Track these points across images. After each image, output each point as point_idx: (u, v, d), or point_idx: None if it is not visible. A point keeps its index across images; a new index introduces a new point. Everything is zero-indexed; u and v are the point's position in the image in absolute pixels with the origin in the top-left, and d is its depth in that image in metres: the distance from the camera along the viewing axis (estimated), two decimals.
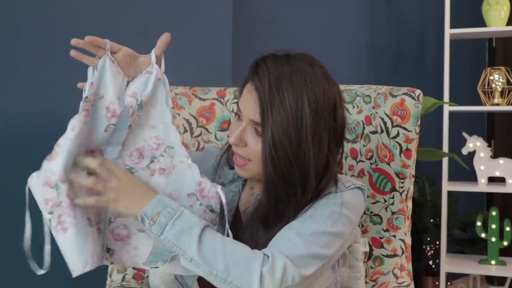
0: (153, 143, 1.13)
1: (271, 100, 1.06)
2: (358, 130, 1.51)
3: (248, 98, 1.11)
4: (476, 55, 3.88)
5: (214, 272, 1.01)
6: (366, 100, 1.51)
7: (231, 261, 1.02)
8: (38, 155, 1.33)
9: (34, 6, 1.76)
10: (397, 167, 1.46)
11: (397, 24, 3.44)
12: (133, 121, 1.10)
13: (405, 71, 3.46)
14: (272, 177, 1.08)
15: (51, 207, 1.04)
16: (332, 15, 3.02)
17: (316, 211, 1.10)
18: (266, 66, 1.09)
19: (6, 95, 1.70)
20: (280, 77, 1.07)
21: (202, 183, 1.12)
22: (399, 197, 1.48)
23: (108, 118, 1.07)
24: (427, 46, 3.60)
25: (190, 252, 1.01)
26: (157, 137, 1.13)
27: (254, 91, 1.09)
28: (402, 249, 1.51)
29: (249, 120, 1.11)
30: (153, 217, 1.03)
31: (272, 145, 1.06)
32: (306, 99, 1.07)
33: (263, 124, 1.07)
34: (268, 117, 1.06)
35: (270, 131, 1.06)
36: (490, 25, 2.82)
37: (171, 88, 1.63)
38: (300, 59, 1.13)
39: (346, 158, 1.53)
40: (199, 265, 1.02)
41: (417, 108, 1.43)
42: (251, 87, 1.11)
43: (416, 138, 1.46)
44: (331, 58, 2.94)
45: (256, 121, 1.09)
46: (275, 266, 1.00)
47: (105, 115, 1.07)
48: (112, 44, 1.11)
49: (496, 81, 2.84)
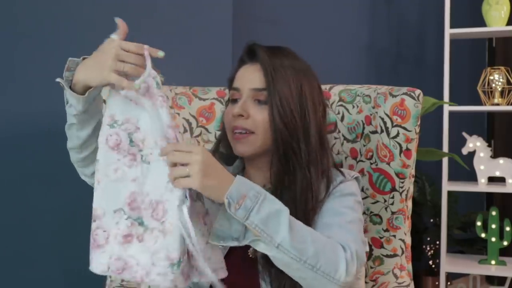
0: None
1: (274, 67, 1.17)
2: (358, 130, 1.51)
3: (245, 73, 1.21)
4: (476, 55, 3.88)
5: (303, 258, 0.99)
6: (366, 100, 1.51)
7: (320, 247, 1.01)
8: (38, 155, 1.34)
9: (35, 6, 1.76)
10: (397, 167, 1.46)
11: (397, 24, 3.44)
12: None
13: (405, 71, 3.46)
14: (281, 133, 1.14)
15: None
16: (332, 15, 3.02)
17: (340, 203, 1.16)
18: (260, 47, 1.20)
19: (6, 95, 1.70)
20: (276, 52, 1.20)
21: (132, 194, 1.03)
22: (399, 197, 1.48)
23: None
24: (427, 46, 3.60)
25: (279, 238, 0.98)
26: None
27: (252, 65, 1.20)
28: (402, 249, 1.51)
29: (249, 92, 1.18)
30: (238, 200, 0.98)
31: (280, 104, 1.14)
32: (301, 71, 1.20)
33: (269, 88, 1.15)
34: (273, 80, 1.15)
35: (277, 92, 1.15)
36: (490, 25, 2.82)
37: (171, 88, 1.63)
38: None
39: (346, 158, 1.53)
40: (288, 251, 0.99)
41: (417, 108, 1.43)
42: (247, 65, 1.21)
43: (416, 138, 1.46)
44: (331, 58, 2.97)
45: (259, 88, 1.17)
46: (353, 254, 1.03)
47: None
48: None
49: (496, 81, 2.84)
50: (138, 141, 1.03)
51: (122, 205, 1.01)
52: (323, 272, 1.00)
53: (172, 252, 0.99)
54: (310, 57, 1.30)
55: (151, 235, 1.00)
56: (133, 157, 1.02)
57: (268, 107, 1.16)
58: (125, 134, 1.03)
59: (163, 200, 1.00)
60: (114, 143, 1.02)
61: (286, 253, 0.99)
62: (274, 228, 0.98)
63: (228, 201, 0.98)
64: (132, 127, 1.03)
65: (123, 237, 1.01)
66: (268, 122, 1.16)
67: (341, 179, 1.22)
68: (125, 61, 1.00)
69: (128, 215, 1.01)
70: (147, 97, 1.02)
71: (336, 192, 1.19)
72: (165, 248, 0.99)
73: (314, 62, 1.31)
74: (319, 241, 1.02)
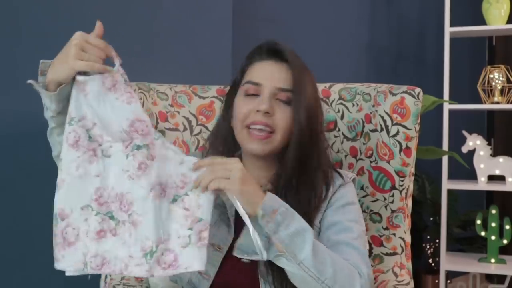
0: (179, 180, 1.05)
1: (301, 70, 1.19)
2: (358, 128, 1.51)
3: (271, 71, 1.19)
4: (476, 53, 3.88)
5: (322, 278, 1.01)
6: (366, 98, 1.51)
7: (338, 269, 1.03)
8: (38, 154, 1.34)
9: (35, 6, 1.76)
10: (397, 165, 1.46)
11: (397, 22, 3.44)
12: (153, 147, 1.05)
13: (405, 69, 3.46)
14: (302, 136, 1.16)
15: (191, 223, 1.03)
16: (332, 14, 3.02)
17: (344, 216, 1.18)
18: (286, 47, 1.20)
19: (6, 95, 1.70)
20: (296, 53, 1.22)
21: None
22: (399, 195, 1.48)
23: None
24: (427, 44, 3.60)
25: (302, 255, 1.00)
26: (184, 175, 1.05)
27: (277, 64, 1.20)
28: (402, 247, 1.51)
29: (274, 90, 1.18)
30: (270, 214, 1.01)
31: (305, 107, 1.16)
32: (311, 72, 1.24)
33: (296, 90, 1.16)
34: (301, 82, 1.17)
35: (303, 95, 1.16)
36: (490, 23, 2.82)
37: (171, 86, 1.63)
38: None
39: (346, 156, 1.53)
40: (308, 269, 1.01)
41: (417, 106, 1.43)
42: (270, 62, 1.20)
43: (416, 137, 1.46)
44: (331, 57, 2.97)
45: (286, 88, 1.18)
46: (366, 280, 1.06)
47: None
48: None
49: (496, 79, 2.84)
50: (96, 136, 1.03)
51: (88, 201, 1.02)
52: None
53: (145, 242, 1.01)
54: (310, 56, 1.30)
55: (124, 228, 1.02)
56: (93, 153, 1.03)
57: (293, 108, 1.17)
58: (83, 131, 1.03)
59: (125, 192, 1.02)
60: (73, 140, 1.03)
61: (306, 271, 1.01)
62: (299, 245, 1.00)
63: (262, 213, 1.01)
64: (89, 123, 1.04)
65: (96, 233, 1.02)
66: (289, 123, 1.17)
67: (340, 183, 1.23)
68: (89, 52, 1.00)
69: (97, 211, 1.02)
70: (112, 91, 1.04)
71: (337, 201, 1.20)
72: (138, 239, 1.01)
73: (314, 60, 1.31)
74: (337, 263, 1.04)
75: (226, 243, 1.18)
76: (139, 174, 1.03)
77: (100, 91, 1.03)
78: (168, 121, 1.58)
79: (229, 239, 1.19)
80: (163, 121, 1.58)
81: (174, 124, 1.58)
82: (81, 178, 1.02)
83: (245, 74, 1.23)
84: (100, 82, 1.03)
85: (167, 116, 1.58)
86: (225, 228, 1.20)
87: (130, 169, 1.03)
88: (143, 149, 1.03)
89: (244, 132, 1.18)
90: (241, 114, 1.19)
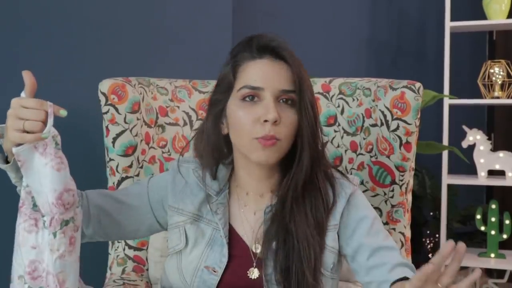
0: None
1: (299, 66, 1.10)
2: (358, 123, 1.51)
3: (270, 72, 1.09)
4: (476, 48, 3.87)
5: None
6: (366, 93, 1.50)
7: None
8: None
9: (36, 5, 1.75)
10: (397, 160, 1.46)
11: (397, 17, 3.43)
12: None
13: (405, 64, 3.45)
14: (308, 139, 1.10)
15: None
16: (332, 8, 3.02)
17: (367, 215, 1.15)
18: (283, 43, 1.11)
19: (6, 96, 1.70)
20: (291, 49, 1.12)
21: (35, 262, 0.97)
22: (399, 190, 1.48)
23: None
24: (427, 39, 3.60)
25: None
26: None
27: (275, 63, 1.10)
28: (402, 242, 1.51)
29: (277, 93, 1.08)
30: None
31: (308, 108, 1.09)
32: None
33: (299, 90, 1.09)
34: (302, 81, 1.09)
35: (304, 95, 1.09)
36: (490, 18, 2.81)
37: (171, 81, 1.62)
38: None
39: (346, 151, 1.53)
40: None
41: (417, 101, 1.43)
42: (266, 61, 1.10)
43: (416, 131, 1.46)
44: (331, 51, 2.96)
45: (290, 90, 1.09)
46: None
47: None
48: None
49: (496, 74, 2.84)
50: (40, 205, 0.96)
51: (23, 272, 0.95)
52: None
53: None
54: (310, 51, 1.30)
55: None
56: (35, 222, 0.96)
57: (298, 110, 1.09)
58: (29, 197, 0.97)
59: (57, 272, 0.96)
60: (19, 205, 0.97)
61: None
62: None
63: None
64: (32, 190, 0.97)
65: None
66: (295, 125, 1.10)
67: (352, 189, 1.17)
68: (24, 118, 0.94)
69: (28, 284, 0.95)
70: (43, 156, 0.95)
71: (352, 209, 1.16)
72: None
73: (314, 55, 1.31)
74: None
75: (221, 266, 1.12)
76: (71, 249, 0.97)
77: (33, 158, 0.96)
78: (168, 116, 1.58)
79: (224, 260, 1.12)
80: (163, 115, 1.58)
81: (174, 119, 1.58)
82: (19, 246, 0.96)
83: (238, 76, 1.12)
84: (32, 149, 0.95)
85: (167, 111, 1.58)
86: (219, 248, 1.13)
87: (61, 248, 0.96)
88: (71, 222, 0.97)
89: (254, 144, 1.08)
90: (247, 126, 1.08)
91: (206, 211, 1.16)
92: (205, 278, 1.12)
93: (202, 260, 1.13)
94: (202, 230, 1.15)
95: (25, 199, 0.97)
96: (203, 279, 1.12)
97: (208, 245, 1.14)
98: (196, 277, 1.12)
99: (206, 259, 1.13)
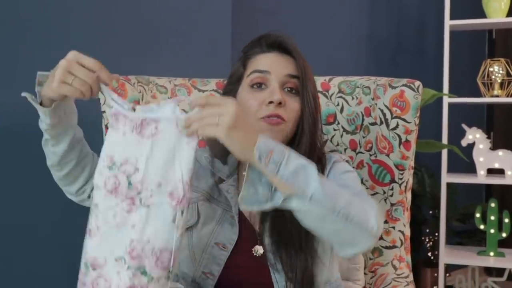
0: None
1: (303, 58, 1.20)
2: (357, 121, 1.51)
3: (277, 60, 1.20)
4: (476, 46, 3.87)
5: (337, 208, 0.95)
6: (366, 92, 1.50)
7: (349, 197, 0.99)
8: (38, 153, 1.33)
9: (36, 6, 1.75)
10: (396, 159, 1.46)
11: (397, 15, 3.43)
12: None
13: (405, 63, 3.45)
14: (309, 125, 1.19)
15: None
16: (331, 6, 3.01)
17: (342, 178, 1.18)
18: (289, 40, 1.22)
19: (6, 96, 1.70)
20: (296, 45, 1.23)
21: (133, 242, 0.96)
22: (398, 189, 1.48)
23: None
24: (427, 37, 3.60)
25: (311, 189, 0.94)
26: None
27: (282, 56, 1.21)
28: (401, 241, 1.51)
29: (283, 78, 1.18)
30: (267, 154, 0.94)
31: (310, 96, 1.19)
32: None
33: (302, 78, 1.18)
34: (305, 70, 1.19)
35: (308, 83, 1.19)
36: (490, 16, 2.81)
37: (171, 79, 1.62)
38: None
39: (345, 150, 1.53)
40: (321, 201, 0.95)
41: (416, 99, 1.43)
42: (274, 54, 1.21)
43: (416, 130, 1.46)
44: (330, 49, 2.96)
45: (294, 74, 1.19)
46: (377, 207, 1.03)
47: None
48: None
49: (495, 72, 2.84)
50: (136, 183, 0.96)
51: (123, 253, 0.95)
52: (355, 222, 0.96)
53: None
54: (309, 48, 1.29)
55: (157, 284, 0.94)
56: (132, 201, 0.96)
57: (301, 97, 1.18)
58: (124, 177, 0.96)
59: (169, 247, 0.95)
60: (112, 186, 0.96)
61: (319, 205, 0.95)
62: (304, 180, 0.94)
63: (258, 154, 0.93)
64: (131, 168, 0.96)
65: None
66: (298, 112, 1.18)
67: (335, 159, 1.24)
68: (74, 74, 0.95)
69: (128, 264, 0.94)
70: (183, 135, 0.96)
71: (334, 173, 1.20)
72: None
73: (314, 53, 1.31)
74: (348, 193, 1.01)
75: (231, 242, 1.18)
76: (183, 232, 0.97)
77: (171, 132, 0.95)
78: None
79: (234, 238, 1.18)
80: None
81: None
82: (118, 227, 0.95)
83: (247, 67, 1.22)
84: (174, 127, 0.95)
85: None
86: (229, 227, 1.20)
87: (184, 227, 0.96)
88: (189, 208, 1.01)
89: (260, 124, 1.14)
90: (253, 107, 1.16)
91: (217, 193, 1.23)
92: (215, 254, 1.17)
93: (213, 237, 1.19)
94: (214, 209, 1.22)
95: (121, 179, 0.96)
96: (213, 255, 1.18)
97: (218, 223, 1.20)
98: (206, 253, 1.18)
99: (217, 235, 1.19)
